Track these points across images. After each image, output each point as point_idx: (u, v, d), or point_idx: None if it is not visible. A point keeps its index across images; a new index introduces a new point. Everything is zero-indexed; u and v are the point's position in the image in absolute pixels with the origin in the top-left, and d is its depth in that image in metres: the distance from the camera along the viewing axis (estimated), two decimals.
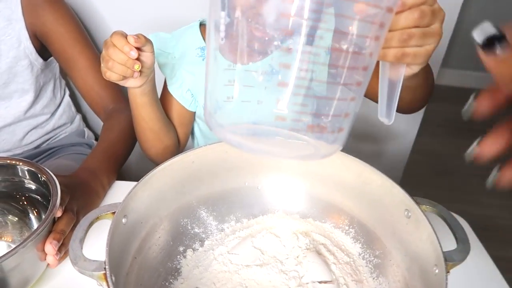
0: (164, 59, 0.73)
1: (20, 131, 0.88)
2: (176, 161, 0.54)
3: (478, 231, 1.56)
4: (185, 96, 0.74)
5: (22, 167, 0.53)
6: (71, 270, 0.53)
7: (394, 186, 0.51)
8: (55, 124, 0.93)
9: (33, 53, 0.80)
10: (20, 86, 0.82)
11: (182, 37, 0.73)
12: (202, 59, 0.72)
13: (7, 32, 0.77)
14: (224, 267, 0.51)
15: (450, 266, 0.42)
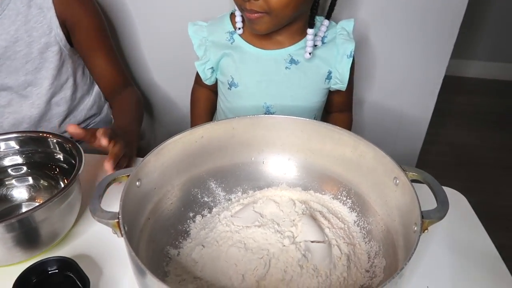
0: (199, 41, 0.85)
1: (55, 119, 0.95)
2: (186, 135, 0.60)
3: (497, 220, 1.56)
4: (206, 72, 0.87)
5: (52, 139, 0.61)
6: (95, 229, 0.62)
7: (385, 157, 0.55)
8: (86, 114, 1.00)
9: (63, 40, 0.86)
10: (50, 72, 0.88)
11: (215, 24, 0.86)
12: (231, 43, 0.84)
13: (39, 20, 0.82)
14: (227, 227, 0.56)
15: (428, 223, 0.45)
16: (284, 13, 0.72)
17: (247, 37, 0.83)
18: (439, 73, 1.10)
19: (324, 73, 0.83)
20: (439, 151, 1.88)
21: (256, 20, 0.73)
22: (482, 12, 2.24)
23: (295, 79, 0.83)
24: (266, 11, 0.71)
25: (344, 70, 0.82)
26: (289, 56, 0.82)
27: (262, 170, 0.67)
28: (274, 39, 0.82)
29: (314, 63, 0.82)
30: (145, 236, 0.54)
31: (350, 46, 0.81)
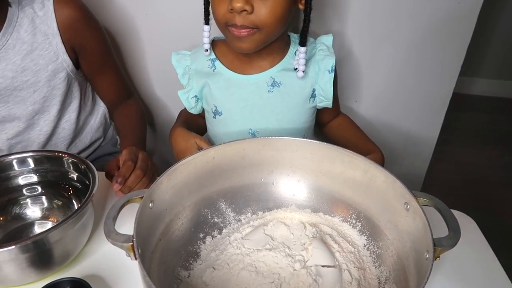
0: (183, 70, 0.85)
1: (61, 143, 0.94)
2: (198, 156, 0.61)
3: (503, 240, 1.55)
4: (190, 101, 0.87)
5: (67, 159, 0.62)
6: (106, 249, 0.62)
7: (395, 181, 0.55)
8: (92, 137, 0.99)
9: (70, 65, 0.86)
10: (58, 98, 0.87)
11: (198, 51, 0.85)
12: (213, 70, 0.83)
13: (45, 47, 0.81)
14: (238, 250, 0.56)
15: (439, 251, 0.46)
16: (275, 29, 0.71)
17: (228, 63, 0.82)
18: (447, 92, 1.11)
19: (308, 92, 0.82)
20: (445, 169, 1.88)
21: (245, 38, 0.70)
22: (488, 30, 2.25)
23: (279, 102, 0.81)
24: (257, 26, 0.69)
25: (327, 86, 0.80)
26: (271, 79, 0.80)
27: (272, 191, 0.67)
28: (254, 62, 0.81)
29: (296, 83, 0.81)
30: (156, 258, 0.54)
31: (331, 61, 0.80)
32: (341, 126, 0.94)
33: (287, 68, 0.80)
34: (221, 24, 0.72)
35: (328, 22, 1.01)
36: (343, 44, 1.04)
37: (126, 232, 0.48)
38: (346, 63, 1.06)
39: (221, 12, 0.70)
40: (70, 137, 0.95)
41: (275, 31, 0.72)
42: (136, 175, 0.66)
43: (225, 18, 0.70)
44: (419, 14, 0.99)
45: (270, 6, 0.68)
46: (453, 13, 0.99)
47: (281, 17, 0.70)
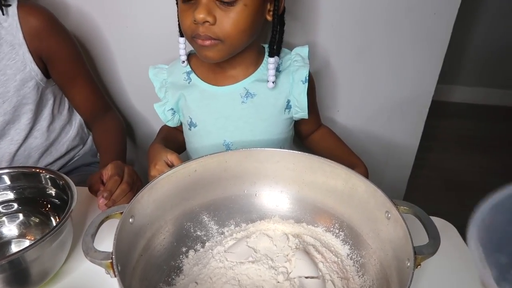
0: (160, 84, 0.85)
1: (35, 153, 0.92)
2: (179, 169, 0.61)
3: None
4: (166, 114, 0.86)
5: (45, 175, 0.61)
6: (86, 267, 0.61)
7: (376, 190, 0.56)
8: (69, 145, 0.98)
9: (38, 74, 0.85)
10: (29, 107, 0.87)
11: (174, 65, 0.86)
12: (188, 82, 0.83)
13: (12, 57, 0.81)
14: (220, 263, 0.56)
15: (420, 259, 0.46)
16: (238, 41, 0.72)
17: (203, 75, 0.82)
18: (426, 100, 1.13)
19: (282, 103, 0.81)
20: (427, 176, 1.91)
21: (209, 47, 0.70)
22: (466, 39, 2.32)
23: (253, 113, 0.81)
24: (220, 38, 0.69)
25: (301, 97, 0.80)
26: (244, 90, 0.80)
27: (255, 202, 0.67)
28: (228, 74, 0.81)
29: (270, 94, 0.80)
30: (138, 274, 0.53)
31: (304, 71, 0.79)
32: (322, 139, 0.94)
33: (261, 79, 0.80)
34: (188, 36, 0.73)
35: (308, 33, 1.02)
36: (322, 54, 1.05)
37: (107, 249, 0.47)
38: (326, 74, 1.08)
39: (187, 24, 0.71)
40: (44, 146, 0.93)
41: (240, 43, 0.72)
42: (122, 190, 0.65)
43: (190, 29, 0.71)
44: (396, 25, 1.02)
45: (233, 18, 0.68)
46: (429, 23, 1.01)
47: (244, 29, 0.70)
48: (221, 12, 0.67)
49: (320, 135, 0.95)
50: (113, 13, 1.02)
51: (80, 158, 1.02)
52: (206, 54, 0.72)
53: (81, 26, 1.03)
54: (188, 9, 0.70)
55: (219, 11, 0.67)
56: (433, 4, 0.99)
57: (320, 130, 0.95)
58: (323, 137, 0.94)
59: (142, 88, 1.12)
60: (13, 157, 0.91)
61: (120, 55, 1.09)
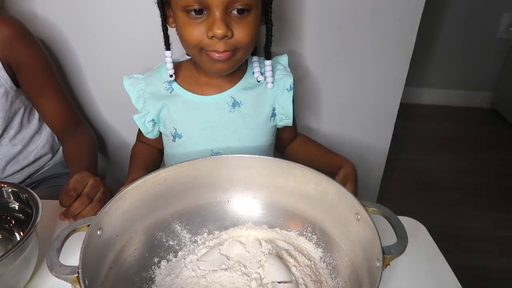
0: (137, 94, 0.82)
1: (1, 161, 0.90)
2: (149, 179, 0.60)
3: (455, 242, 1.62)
4: (146, 125, 0.84)
5: (6, 189, 0.58)
6: (53, 283, 0.58)
7: (346, 193, 0.57)
8: (37, 153, 0.96)
9: (8, 82, 0.85)
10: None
11: (152, 75, 0.83)
12: (170, 92, 0.81)
13: None
14: (193, 272, 0.55)
15: (389, 259, 0.47)
16: (251, 47, 0.73)
17: (186, 84, 0.81)
18: (395, 103, 1.16)
19: (268, 111, 0.82)
20: (399, 177, 1.95)
21: (223, 60, 0.70)
22: (432, 41, 2.39)
23: (240, 122, 0.81)
24: (236, 47, 0.70)
25: (287, 105, 0.81)
26: (231, 99, 0.80)
27: (228, 209, 0.67)
28: (214, 83, 0.80)
29: (256, 102, 0.81)
30: (108, 287, 0.52)
31: (289, 79, 0.81)
32: (302, 146, 0.94)
33: (247, 87, 0.81)
34: (195, 49, 0.70)
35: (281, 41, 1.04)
36: (294, 61, 1.06)
37: (74, 263, 0.46)
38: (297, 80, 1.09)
39: (195, 37, 0.68)
40: (11, 154, 0.91)
41: (250, 50, 0.74)
42: (81, 202, 0.64)
43: (202, 43, 0.69)
44: (362, 31, 1.04)
45: (247, 28, 0.69)
46: (395, 29, 1.04)
47: (255, 35, 0.71)
48: (235, 24, 0.68)
49: (299, 143, 0.95)
50: (80, 22, 1.01)
51: (50, 169, 1.00)
52: (221, 67, 0.72)
53: (48, 36, 1.01)
54: (195, 22, 0.67)
55: (233, 23, 0.67)
56: (397, 12, 1.02)
57: (298, 139, 0.95)
58: (302, 144, 0.95)
59: (112, 98, 1.10)
60: None
61: (89, 64, 1.07)
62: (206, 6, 0.66)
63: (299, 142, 0.95)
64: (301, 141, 0.95)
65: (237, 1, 0.66)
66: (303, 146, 0.94)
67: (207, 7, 0.66)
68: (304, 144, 0.95)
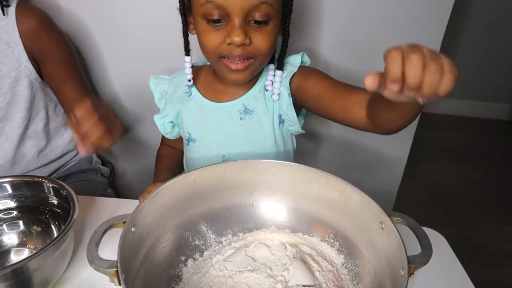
0: (160, 94, 0.86)
1: (29, 152, 0.93)
2: (179, 180, 0.62)
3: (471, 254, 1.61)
4: (165, 126, 0.87)
5: (47, 184, 0.61)
6: (85, 275, 0.61)
7: (370, 202, 0.58)
8: (64, 148, 0.99)
9: (33, 73, 0.87)
10: (22, 105, 0.88)
11: (176, 77, 0.86)
12: (188, 96, 0.84)
13: (7, 54, 0.84)
14: (220, 272, 0.57)
15: (414, 268, 0.48)
16: (268, 57, 0.74)
17: (203, 89, 0.83)
18: None
19: (276, 118, 0.82)
20: (414, 186, 1.95)
21: (241, 70, 0.72)
22: (452, 52, 2.38)
23: (251, 129, 0.81)
24: (254, 56, 0.71)
25: (289, 110, 0.79)
26: (243, 106, 0.81)
27: (252, 212, 0.69)
28: (229, 90, 0.81)
29: (266, 109, 0.81)
30: (139, 282, 0.54)
31: (286, 82, 0.78)
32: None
33: (258, 95, 0.81)
34: (214, 56, 0.72)
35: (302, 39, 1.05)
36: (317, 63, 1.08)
37: (106, 256, 0.48)
38: None
39: (215, 44, 0.70)
40: (39, 147, 0.94)
41: (267, 59, 0.75)
42: (92, 123, 0.56)
43: (219, 50, 0.71)
44: (386, 39, 1.05)
45: (266, 37, 0.70)
46: (419, 39, 1.05)
47: (274, 44, 0.73)
48: (254, 32, 0.69)
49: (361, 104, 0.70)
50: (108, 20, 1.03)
51: (76, 164, 1.03)
52: (237, 77, 0.74)
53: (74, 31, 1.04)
54: (214, 30, 0.70)
55: (252, 31, 0.69)
56: (422, 21, 1.03)
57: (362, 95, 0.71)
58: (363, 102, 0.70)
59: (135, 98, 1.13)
60: (8, 156, 0.91)
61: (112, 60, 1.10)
62: (225, 15, 0.68)
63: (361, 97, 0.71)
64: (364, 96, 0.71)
65: (256, 11, 0.68)
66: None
67: (227, 15, 0.68)
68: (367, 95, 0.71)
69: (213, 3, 0.67)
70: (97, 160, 1.08)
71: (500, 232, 1.70)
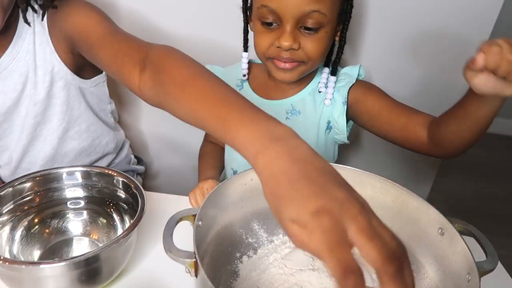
0: None
1: (71, 153, 0.92)
2: (236, 178, 0.63)
3: None
4: None
5: (118, 178, 0.63)
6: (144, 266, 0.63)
7: (429, 207, 0.59)
8: (105, 149, 0.98)
9: (68, 74, 0.82)
10: (58, 108, 0.85)
11: (230, 70, 0.88)
12: (239, 89, 0.85)
13: (43, 57, 0.79)
14: (280, 270, 0.58)
15: (481, 274, 0.49)
16: (318, 62, 0.76)
17: (255, 85, 0.85)
18: None
19: (323, 124, 0.82)
20: (432, 198, 1.95)
21: (289, 69, 0.74)
22: None
23: (296, 129, 0.80)
24: (303, 60, 0.73)
25: (340, 119, 0.79)
26: (291, 106, 0.82)
27: None
28: (280, 88, 0.82)
29: (314, 113, 0.81)
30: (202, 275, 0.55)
31: (344, 92, 0.79)
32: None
33: (308, 97, 0.82)
34: (264, 56, 0.75)
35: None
36: None
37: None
38: None
39: (265, 46, 0.73)
40: (81, 147, 0.93)
41: (318, 64, 0.77)
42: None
43: (269, 52, 0.73)
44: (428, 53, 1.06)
45: (316, 43, 0.72)
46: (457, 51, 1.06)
47: (324, 52, 0.74)
48: (304, 38, 0.71)
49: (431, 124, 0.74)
50: None
51: (115, 166, 1.02)
52: (284, 77, 0.75)
53: None
54: (267, 31, 0.73)
55: (302, 37, 0.71)
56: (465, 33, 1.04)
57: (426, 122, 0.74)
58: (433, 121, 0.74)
59: None
60: (48, 157, 0.91)
61: None
62: (278, 19, 0.71)
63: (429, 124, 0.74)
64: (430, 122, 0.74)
65: (308, 18, 0.69)
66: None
67: (280, 20, 0.71)
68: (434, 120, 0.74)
69: (268, 7, 0.70)
70: (134, 160, 1.09)
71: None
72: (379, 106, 0.78)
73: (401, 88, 1.11)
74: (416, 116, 0.75)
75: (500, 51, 0.52)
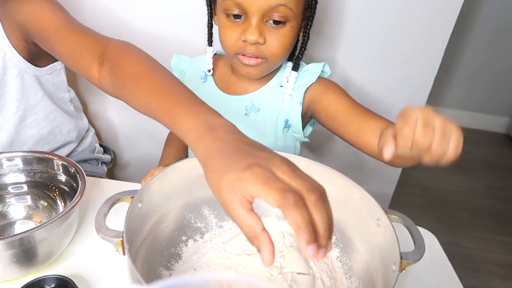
0: (178, 74, 0.87)
1: (29, 141, 0.89)
2: (186, 162, 0.64)
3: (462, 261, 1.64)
4: None
5: (57, 161, 0.63)
6: (86, 248, 0.63)
7: (370, 198, 0.60)
8: (66, 138, 0.95)
9: (21, 62, 0.80)
10: (13, 96, 0.82)
11: (197, 61, 0.87)
12: (203, 82, 0.85)
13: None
14: (218, 254, 0.59)
15: (405, 264, 0.50)
16: (281, 59, 0.76)
17: (218, 79, 0.84)
18: None
19: (281, 123, 0.81)
20: (409, 192, 1.98)
21: (253, 66, 0.74)
22: (454, 63, 2.40)
23: (253, 127, 0.81)
24: (266, 57, 0.73)
25: (296, 118, 0.79)
26: (250, 103, 0.81)
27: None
28: (239, 83, 0.82)
29: (273, 110, 0.80)
30: (140, 256, 0.56)
31: (302, 91, 0.78)
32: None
33: (268, 94, 0.81)
34: (231, 52, 0.75)
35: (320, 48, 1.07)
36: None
37: (115, 227, 0.50)
38: None
39: (232, 41, 0.73)
40: (40, 135, 0.90)
41: (281, 61, 0.77)
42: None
43: (236, 47, 0.73)
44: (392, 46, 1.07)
45: (281, 39, 0.72)
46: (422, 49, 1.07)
47: (289, 48, 0.74)
48: (269, 33, 0.71)
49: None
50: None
51: (78, 154, 1.01)
52: (249, 72, 0.76)
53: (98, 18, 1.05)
54: (233, 25, 0.72)
55: (268, 32, 0.71)
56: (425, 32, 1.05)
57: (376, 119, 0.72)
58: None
59: None
60: (5, 145, 0.88)
61: None
62: (244, 12, 0.70)
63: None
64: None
65: (274, 12, 0.69)
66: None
67: (245, 13, 0.70)
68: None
69: (233, 0, 0.69)
70: (99, 149, 1.08)
71: (494, 242, 1.73)
72: (335, 107, 0.76)
73: (378, 82, 1.12)
74: (369, 122, 0.71)
75: (411, 135, 0.49)
